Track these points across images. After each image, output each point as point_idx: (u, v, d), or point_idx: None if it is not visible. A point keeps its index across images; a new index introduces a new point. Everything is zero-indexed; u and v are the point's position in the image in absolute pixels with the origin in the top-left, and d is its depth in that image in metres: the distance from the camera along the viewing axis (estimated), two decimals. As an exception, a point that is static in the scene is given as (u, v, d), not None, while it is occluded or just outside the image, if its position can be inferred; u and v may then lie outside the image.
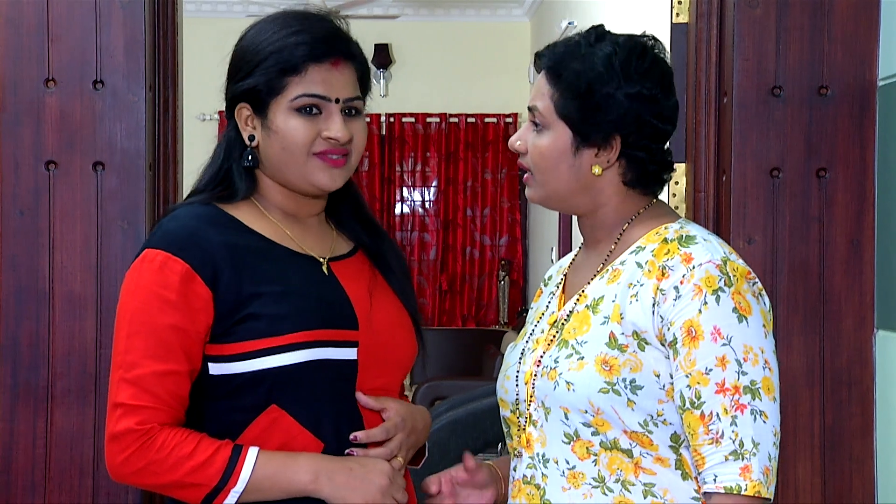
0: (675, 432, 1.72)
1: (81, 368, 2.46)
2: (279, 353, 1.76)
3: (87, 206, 2.48)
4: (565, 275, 1.92)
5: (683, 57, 2.61)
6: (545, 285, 2.00)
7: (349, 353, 1.82)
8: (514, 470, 1.83)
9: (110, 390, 1.76)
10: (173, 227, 1.80)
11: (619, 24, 1.84)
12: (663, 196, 2.61)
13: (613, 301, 1.75)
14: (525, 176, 1.86)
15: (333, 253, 1.90)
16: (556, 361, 1.76)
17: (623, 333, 1.72)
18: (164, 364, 1.73)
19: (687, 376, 1.68)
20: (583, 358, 1.73)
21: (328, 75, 1.82)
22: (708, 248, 1.73)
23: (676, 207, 2.65)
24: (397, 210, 8.98)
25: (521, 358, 1.85)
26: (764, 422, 1.67)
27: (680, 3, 2.64)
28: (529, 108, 1.83)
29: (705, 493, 1.68)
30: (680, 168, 2.63)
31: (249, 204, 1.88)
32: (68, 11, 2.48)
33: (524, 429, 1.80)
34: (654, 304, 1.71)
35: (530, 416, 1.79)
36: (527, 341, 1.87)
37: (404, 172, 8.97)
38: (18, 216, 2.48)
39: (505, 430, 1.89)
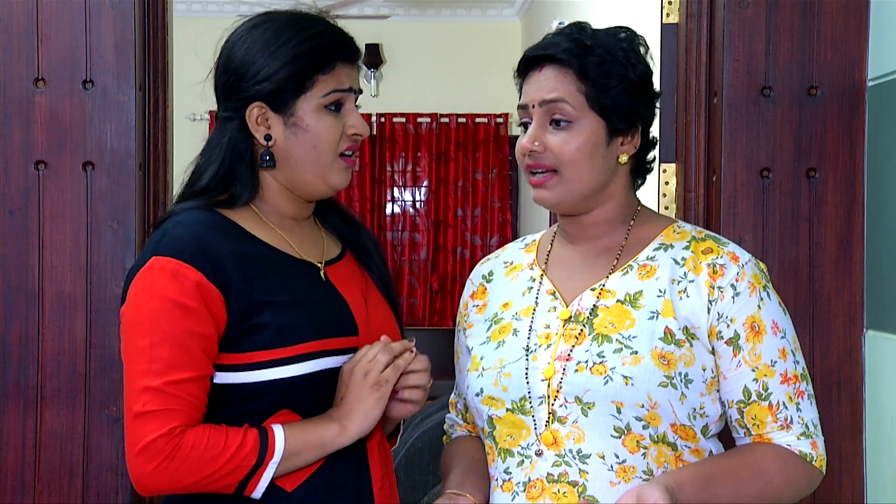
0: (707, 424, 1.78)
1: (71, 369, 2.46)
2: (289, 363, 1.75)
3: (77, 206, 2.47)
4: (542, 271, 1.88)
5: (673, 57, 2.62)
6: (487, 281, 1.95)
7: None
8: (524, 470, 1.78)
9: (128, 402, 1.71)
10: (180, 234, 1.76)
11: (609, 25, 1.84)
12: (653, 196, 2.63)
13: (660, 296, 1.77)
14: (541, 177, 1.80)
15: (327, 256, 1.90)
16: (600, 356, 1.74)
17: (678, 328, 1.75)
18: (190, 371, 1.71)
19: (753, 370, 1.76)
20: (636, 352, 1.73)
21: (351, 72, 1.86)
22: (738, 248, 1.82)
23: (666, 208, 2.65)
24: (388, 210, 8.97)
25: (527, 354, 1.80)
26: (815, 405, 1.81)
27: (670, 3, 2.64)
28: (543, 104, 1.79)
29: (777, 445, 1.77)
30: (670, 168, 2.63)
31: (248, 209, 1.86)
32: (58, 11, 2.48)
33: (548, 426, 1.76)
34: (709, 301, 1.76)
35: (554, 413, 1.75)
36: (528, 338, 1.81)
37: (395, 172, 8.95)
38: (8, 216, 2.47)
39: (489, 429, 1.82)
